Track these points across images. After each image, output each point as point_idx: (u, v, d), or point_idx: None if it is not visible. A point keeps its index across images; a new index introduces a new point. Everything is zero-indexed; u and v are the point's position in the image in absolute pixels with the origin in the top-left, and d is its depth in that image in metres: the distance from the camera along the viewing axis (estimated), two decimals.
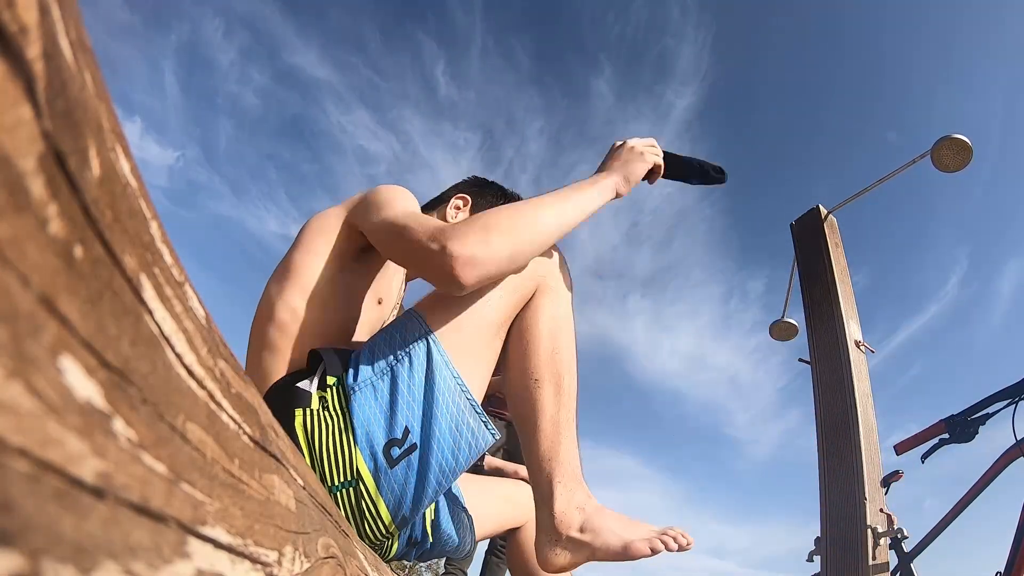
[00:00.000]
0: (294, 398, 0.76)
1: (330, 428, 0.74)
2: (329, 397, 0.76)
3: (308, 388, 0.77)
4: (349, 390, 0.76)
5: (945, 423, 1.64)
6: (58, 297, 0.12)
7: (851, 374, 2.06)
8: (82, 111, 0.13)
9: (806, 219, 2.51)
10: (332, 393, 0.77)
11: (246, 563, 0.20)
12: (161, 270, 0.17)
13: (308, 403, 0.75)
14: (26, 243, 0.11)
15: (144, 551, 0.13)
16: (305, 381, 0.78)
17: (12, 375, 0.10)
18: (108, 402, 0.13)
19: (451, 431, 0.76)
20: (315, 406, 0.75)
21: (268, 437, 0.26)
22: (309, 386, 0.77)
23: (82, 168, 0.13)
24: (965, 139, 1.99)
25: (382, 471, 0.73)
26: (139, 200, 0.16)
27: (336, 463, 0.72)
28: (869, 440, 1.98)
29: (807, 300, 2.37)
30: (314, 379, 0.78)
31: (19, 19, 0.11)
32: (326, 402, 0.76)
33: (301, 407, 0.75)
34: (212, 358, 0.20)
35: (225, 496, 0.19)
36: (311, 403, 0.75)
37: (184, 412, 0.17)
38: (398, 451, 0.73)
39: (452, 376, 0.78)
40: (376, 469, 0.73)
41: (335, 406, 0.76)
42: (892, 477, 1.89)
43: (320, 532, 0.34)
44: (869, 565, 1.74)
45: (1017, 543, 1.42)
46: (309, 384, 0.78)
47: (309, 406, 0.75)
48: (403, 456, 0.73)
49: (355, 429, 0.73)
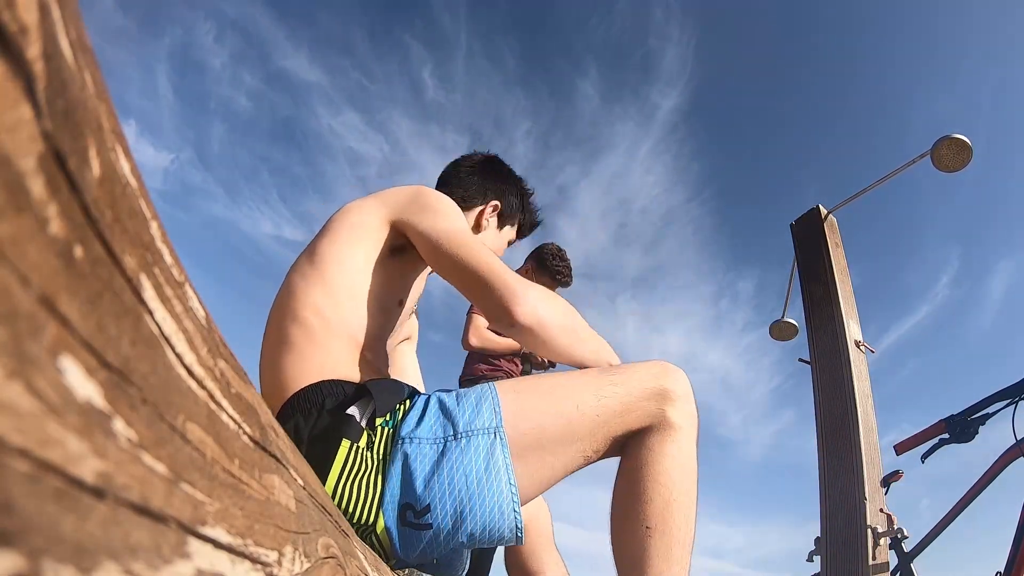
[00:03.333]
0: (346, 427, 0.72)
1: (368, 470, 0.70)
2: (377, 439, 0.72)
3: (360, 421, 0.73)
4: (400, 440, 0.72)
5: (945, 423, 1.64)
6: (58, 297, 0.12)
7: (851, 374, 2.06)
8: (82, 111, 0.13)
9: (806, 219, 2.51)
10: (380, 435, 0.73)
11: (246, 563, 0.20)
12: (161, 270, 0.17)
13: (358, 439, 0.71)
14: (26, 243, 0.11)
15: (144, 551, 0.13)
16: (355, 408, 0.74)
17: (12, 375, 0.10)
18: (108, 402, 0.13)
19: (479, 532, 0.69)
20: (363, 443, 0.72)
21: (268, 437, 0.26)
22: (360, 419, 0.73)
23: (82, 168, 0.13)
24: (965, 139, 1.99)
25: (395, 526, 0.69)
26: (139, 200, 0.16)
27: (360, 504, 0.68)
28: (869, 440, 1.98)
29: (807, 300, 2.37)
30: (365, 414, 0.74)
31: (19, 19, 0.11)
32: (372, 443, 0.72)
33: (351, 440, 0.71)
34: (212, 358, 0.20)
35: (225, 496, 0.18)
36: (360, 439, 0.72)
37: (184, 412, 0.17)
38: (412, 518, 0.69)
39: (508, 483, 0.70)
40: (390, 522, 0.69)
41: (379, 450, 0.72)
42: (892, 477, 1.89)
43: (320, 532, 0.34)
44: (869, 565, 1.74)
45: (1017, 543, 1.42)
46: (360, 416, 0.74)
47: (358, 442, 0.71)
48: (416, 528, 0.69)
49: (387, 480, 0.69)
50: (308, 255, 0.86)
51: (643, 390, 0.77)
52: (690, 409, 0.79)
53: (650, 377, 0.78)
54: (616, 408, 0.76)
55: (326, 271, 0.83)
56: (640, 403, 0.77)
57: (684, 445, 0.77)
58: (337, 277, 0.83)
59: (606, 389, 0.77)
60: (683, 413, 0.77)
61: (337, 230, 0.87)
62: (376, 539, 0.70)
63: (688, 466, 0.76)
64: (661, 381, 0.78)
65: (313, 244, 0.88)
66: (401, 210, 0.86)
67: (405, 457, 0.70)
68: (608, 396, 0.76)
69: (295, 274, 0.85)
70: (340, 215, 0.89)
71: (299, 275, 0.85)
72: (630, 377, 0.79)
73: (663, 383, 0.78)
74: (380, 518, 0.68)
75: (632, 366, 0.81)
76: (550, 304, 0.80)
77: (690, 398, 0.80)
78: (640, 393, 0.77)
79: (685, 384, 0.80)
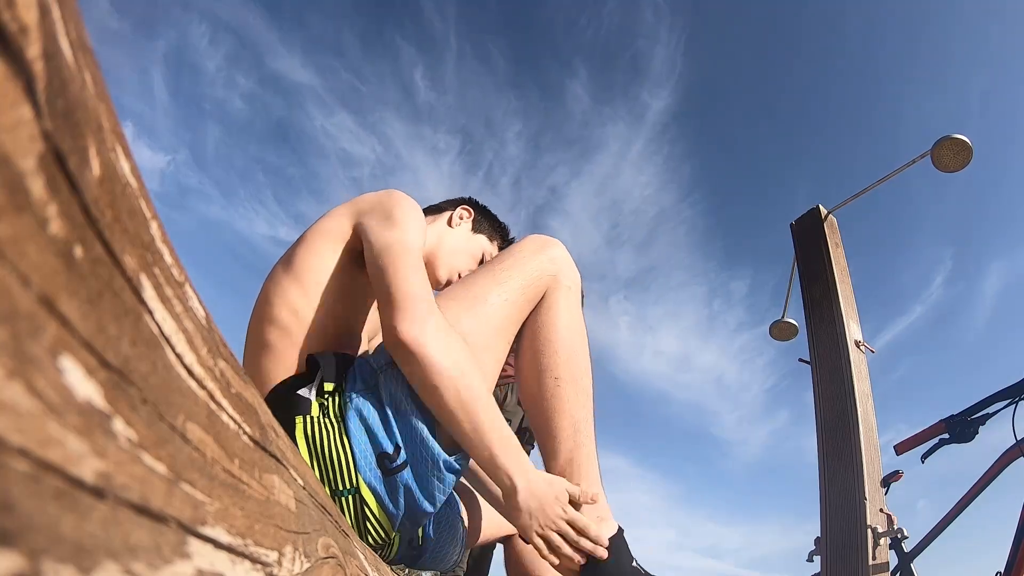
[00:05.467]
0: (294, 406, 0.74)
1: (330, 435, 0.73)
2: (329, 404, 0.75)
3: (308, 395, 0.76)
4: (346, 399, 0.75)
5: (945, 423, 1.64)
6: (58, 297, 0.12)
7: (851, 374, 2.06)
8: (82, 111, 0.13)
9: (806, 219, 2.51)
10: (331, 400, 0.76)
11: (246, 563, 0.19)
12: (161, 270, 0.17)
13: (308, 411, 0.74)
14: (26, 243, 0.11)
15: (144, 551, 0.13)
16: (305, 388, 0.77)
17: (12, 375, 0.10)
18: (108, 402, 0.13)
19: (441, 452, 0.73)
20: (315, 413, 0.74)
21: (268, 437, 0.26)
22: (309, 393, 0.76)
23: (82, 168, 0.13)
24: (965, 139, 1.99)
25: (378, 482, 0.72)
26: (139, 200, 0.16)
27: (338, 470, 0.71)
28: (869, 440, 1.98)
29: (807, 300, 2.37)
30: (313, 386, 0.77)
31: (19, 19, 0.11)
32: (326, 409, 0.75)
33: (301, 414, 0.74)
34: (212, 358, 0.20)
35: (225, 496, 0.18)
36: (311, 410, 0.74)
37: (184, 412, 0.17)
38: (390, 465, 0.72)
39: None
40: (372, 480, 0.72)
41: (334, 413, 0.74)
42: (892, 477, 1.89)
43: (320, 532, 0.34)
44: (869, 565, 1.74)
45: (1017, 543, 1.42)
46: (308, 391, 0.76)
47: (309, 413, 0.74)
48: (396, 471, 0.72)
49: (351, 439, 0.72)
50: (283, 262, 0.88)
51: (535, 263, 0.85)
52: (574, 273, 0.88)
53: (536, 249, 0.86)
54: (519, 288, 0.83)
55: (300, 274, 0.85)
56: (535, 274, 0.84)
57: (573, 302, 0.86)
58: (313, 282, 0.85)
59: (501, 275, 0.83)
60: (569, 276, 0.87)
61: (310, 236, 0.88)
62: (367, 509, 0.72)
63: (579, 321, 0.86)
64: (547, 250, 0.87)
65: (290, 251, 0.90)
66: (363, 214, 0.86)
67: (359, 413, 0.73)
68: (508, 280, 0.83)
69: (270, 281, 0.88)
70: (315, 224, 0.91)
71: (273, 281, 0.87)
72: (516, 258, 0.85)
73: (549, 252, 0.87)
74: (359, 477, 0.71)
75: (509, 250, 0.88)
76: (444, 345, 0.70)
77: (571, 262, 0.89)
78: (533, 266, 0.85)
79: (564, 250, 0.89)
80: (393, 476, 0.72)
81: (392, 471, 0.72)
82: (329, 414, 0.74)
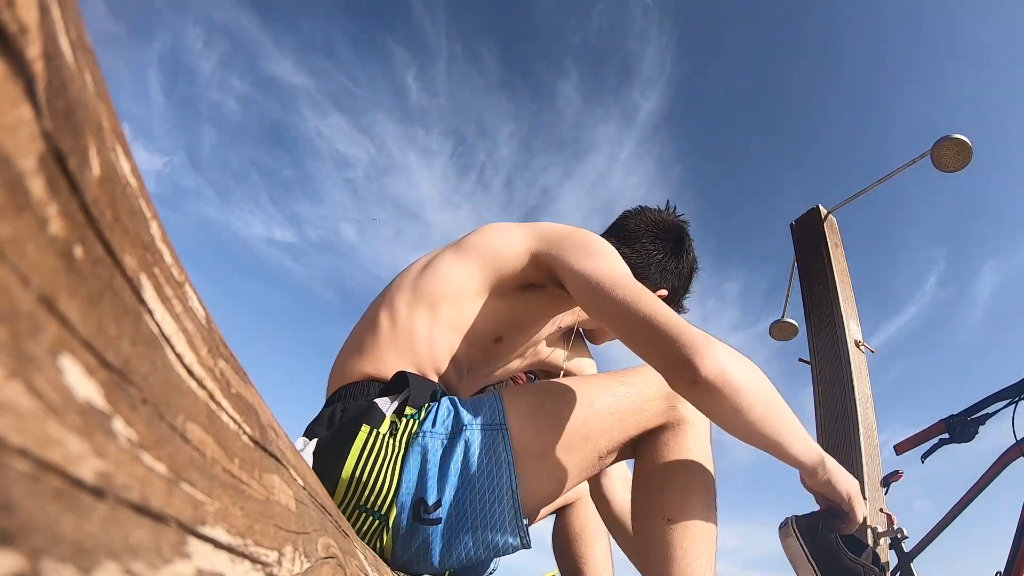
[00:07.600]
0: (367, 413, 0.71)
1: (387, 456, 0.69)
2: (401, 427, 0.71)
3: (384, 409, 0.72)
4: (421, 431, 0.70)
5: (945, 423, 1.64)
6: (58, 297, 0.12)
7: (851, 374, 2.06)
8: (82, 111, 0.13)
9: (806, 219, 2.51)
10: (405, 425, 0.71)
11: (246, 563, 0.20)
12: (161, 270, 0.17)
13: (379, 424, 0.70)
14: (26, 243, 0.11)
15: (144, 551, 0.13)
16: (385, 400, 0.73)
17: (12, 375, 0.10)
18: (108, 402, 0.13)
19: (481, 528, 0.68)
20: (384, 429, 0.70)
21: (268, 437, 0.26)
22: (387, 407, 0.72)
23: (82, 168, 0.13)
24: (965, 139, 1.99)
25: (406, 522, 0.68)
26: (139, 200, 0.16)
27: (377, 490, 0.67)
28: (869, 440, 1.98)
29: (807, 300, 2.37)
30: (395, 402, 0.73)
31: (19, 19, 0.11)
32: (396, 429, 0.71)
33: (371, 425, 0.70)
34: (212, 358, 0.20)
35: (225, 496, 0.18)
36: (381, 425, 0.70)
37: (184, 412, 0.17)
38: (424, 515, 0.68)
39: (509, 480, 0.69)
40: (402, 516, 0.68)
41: (402, 438, 0.70)
42: (892, 477, 1.89)
43: (320, 532, 0.34)
44: None
45: (1017, 543, 1.42)
46: (388, 404, 0.72)
47: (378, 428, 0.70)
48: (427, 523, 0.68)
49: (404, 470, 0.68)
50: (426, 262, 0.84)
51: (655, 388, 0.77)
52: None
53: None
54: (629, 407, 0.76)
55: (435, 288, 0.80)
56: (653, 401, 0.77)
57: (699, 438, 0.77)
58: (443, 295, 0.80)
59: (618, 389, 0.76)
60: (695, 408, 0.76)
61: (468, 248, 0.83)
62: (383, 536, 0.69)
63: (703, 460, 0.76)
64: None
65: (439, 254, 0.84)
66: (551, 244, 0.79)
67: (423, 451, 0.70)
68: (621, 395, 0.76)
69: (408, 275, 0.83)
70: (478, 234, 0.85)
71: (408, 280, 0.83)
72: (640, 376, 0.78)
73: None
74: (393, 510, 0.68)
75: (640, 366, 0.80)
76: (741, 364, 0.66)
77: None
78: (652, 391, 0.77)
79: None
80: (421, 525, 0.68)
81: (423, 521, 0.68)
82: (397, 436, 0.70)
